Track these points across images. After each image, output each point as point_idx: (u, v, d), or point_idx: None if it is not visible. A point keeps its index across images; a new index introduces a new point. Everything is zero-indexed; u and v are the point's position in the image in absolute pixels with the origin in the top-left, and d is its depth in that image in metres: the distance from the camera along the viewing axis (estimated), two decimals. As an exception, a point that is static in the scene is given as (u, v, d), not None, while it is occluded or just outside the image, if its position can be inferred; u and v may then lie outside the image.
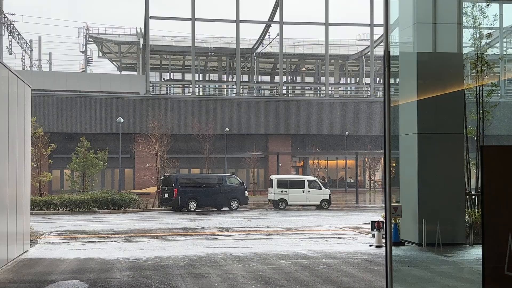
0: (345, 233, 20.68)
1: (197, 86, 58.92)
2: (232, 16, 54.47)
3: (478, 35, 17.24)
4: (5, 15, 57.97)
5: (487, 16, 17.04)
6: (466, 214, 16.05)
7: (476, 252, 14.23)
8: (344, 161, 59.00)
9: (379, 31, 57.49)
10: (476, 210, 16.74)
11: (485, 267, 4.62)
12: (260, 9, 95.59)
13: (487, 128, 17.41)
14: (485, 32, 17.58)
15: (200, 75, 68.07)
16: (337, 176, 59.90)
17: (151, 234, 20.14)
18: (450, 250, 14.45)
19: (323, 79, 61.39)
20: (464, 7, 16.94)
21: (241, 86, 58.99)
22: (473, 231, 15.43)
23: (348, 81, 72.90)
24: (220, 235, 20.10)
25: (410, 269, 12.61)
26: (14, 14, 60.96)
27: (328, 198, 34.72)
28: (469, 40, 17.43)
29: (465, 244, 15.24)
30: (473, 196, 17.18)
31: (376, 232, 16.65)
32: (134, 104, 51.68)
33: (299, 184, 34.79)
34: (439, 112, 15.74)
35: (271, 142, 55.07)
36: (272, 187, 34.73)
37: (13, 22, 60.24)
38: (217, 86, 65.85)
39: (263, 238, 19.03)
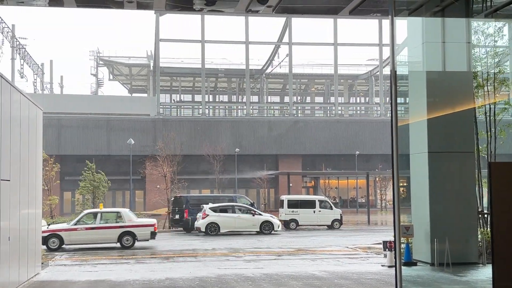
0: (357, 253, 20.54)
1: (207, 107, 59.16)
2: (242, 38, 54.85)
3: (488, 53, 17.25)
4: (17, 39, 58.68)
5: (493, 34, 17.05)
6: (479, 233, 15.93)
7: (489, 272, 14.02)
8: (355, 180, 58.77)
9: (388, 51, 57.55)
10: (488, 229, 16.60)
11: (495, 286, 4.58)
12: (269, 30, 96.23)
13: (499, 147, 17.32)
14: (496, 50, 17.58)
15: (210, 96, 68.39)
16: (348, 196, 59.64)
17: (161, 256, 20.11)
18: (463, 269, 14.31)
19: (332, 99, 61.48)
20: (474, 26, 16.96)
21: (251, 107, 59.17)
22: (486, 250, 15.28)
23: (358, 101, 72.93)
24: (231, 256, 20.03)
25: (423, 289, 12.49)
26: (25, 38, 61.70)
27: (339, 218, 34.53)
28: (479, 58, 17.42)
29: (478, 264, 15.09)
30: (485, 215, 17.07)
31: (388, 252, 16.54)
32: (145, 126, 51.95)
33: (310, 204, 34.65)
34: (449, 130, 15.69)
35: (281, 162, 55.02)
36: (283, 207, 34.61)
37: (24, 46, 60.96)
38: (227, 107, 66.07)
39: (274, 259, 18.94)
